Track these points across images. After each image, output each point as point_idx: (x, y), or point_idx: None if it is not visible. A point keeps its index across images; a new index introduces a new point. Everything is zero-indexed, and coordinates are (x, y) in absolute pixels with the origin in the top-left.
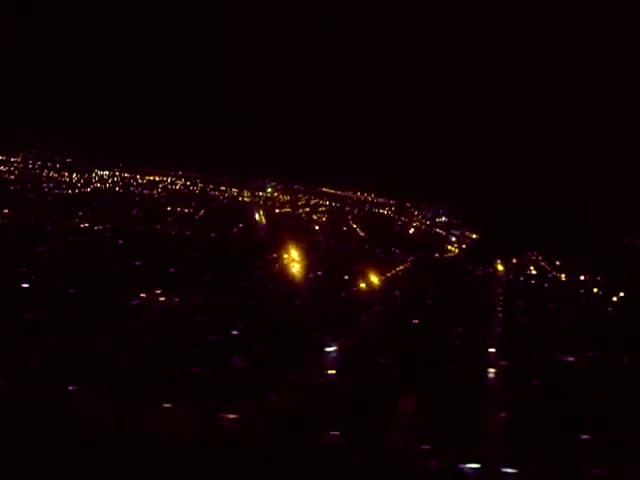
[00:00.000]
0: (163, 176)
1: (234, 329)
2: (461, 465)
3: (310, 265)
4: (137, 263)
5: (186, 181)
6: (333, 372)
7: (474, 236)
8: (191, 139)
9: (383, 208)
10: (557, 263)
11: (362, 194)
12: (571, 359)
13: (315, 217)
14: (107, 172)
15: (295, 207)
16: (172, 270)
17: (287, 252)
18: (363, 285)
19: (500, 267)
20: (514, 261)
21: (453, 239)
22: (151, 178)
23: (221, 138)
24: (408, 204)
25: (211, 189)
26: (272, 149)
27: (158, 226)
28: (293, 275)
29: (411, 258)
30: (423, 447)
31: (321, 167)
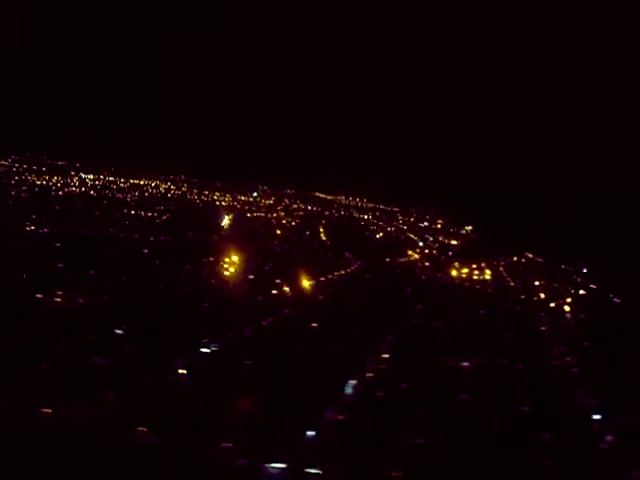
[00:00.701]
0: (151, 180)
1: (118, 329)
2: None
3: (244, 269)
4: (60, 265)
5: (171, 185)
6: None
7: (453, 242)
8: (192, 144)
9: (367, 213)
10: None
11: (355, 199)
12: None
13: (285, 221)
14: (91, 175)
15: (271, 211)
16: (91, 272)
17: (229, 256)
18: (285, 289)
19: (454, 272)
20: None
21: (421, 244)
22: (138, 182)
23: (223, 143)
24: (397, 209)
25: (194, 193)
26: (272, 155)
27: (111, 229)
28: (216, 278)
29: (358, 264)
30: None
31: (319, 173)
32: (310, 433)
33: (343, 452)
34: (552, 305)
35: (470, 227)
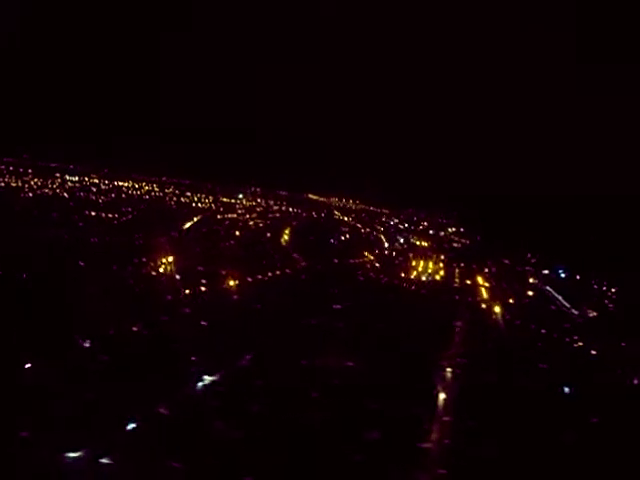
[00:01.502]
0: (139, 182)
1: None
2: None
3: (173, 270)
4: None
5: (156, 187)
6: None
7: (424, 244)
8: (191, 145)
9: (351, 214)
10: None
11: (348, 201)
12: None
13: (253, 223)
14: (76, 177)
15: (247, 213)
16: None
17: (166, 257)
18: (202, 289)
19: (401, 273)
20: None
21: (386, 245)
22: (123, 184)
23: (221, 145)
24: (387, 211)
25: (175, 195)
26: (269, 156)
27: (59, 231)
28: (135, 278)
29: (301, 265)
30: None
31: (316, 175)
32: None
33: None
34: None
35: (454, 229)
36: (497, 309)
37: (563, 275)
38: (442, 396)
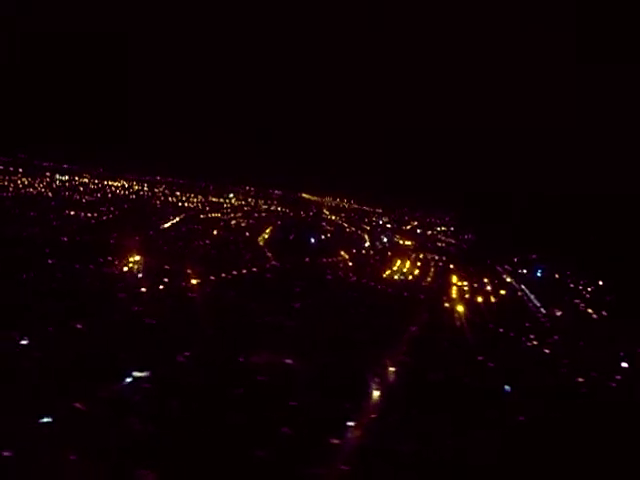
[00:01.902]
0: (132, 181)
1: None
2: None
3: (138, 268)
4: None
5: (147, 186)
6: None
7: (407, 242)
8: (188, 145)
9: (340, 214)
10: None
11: (342, 200)
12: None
13: (234, 222)
14: (66, 177)
15: (233, 212)
16: None
17: (134, 256)
18: (160, 288)
19: (372, 272)
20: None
21: (367, 244)
22: (113, 183)
23: (217, 144)
24: (380, 210)
25: (164, 194)
26: (266, 156)
27: (36, 230)
28: (98, 276)
29: (271, 264)
30: None
31: (313, 174)
32: None
33: None
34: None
35: (444, 228)
36: (460, 308)
37: (540, 274)
38: (376, 394)
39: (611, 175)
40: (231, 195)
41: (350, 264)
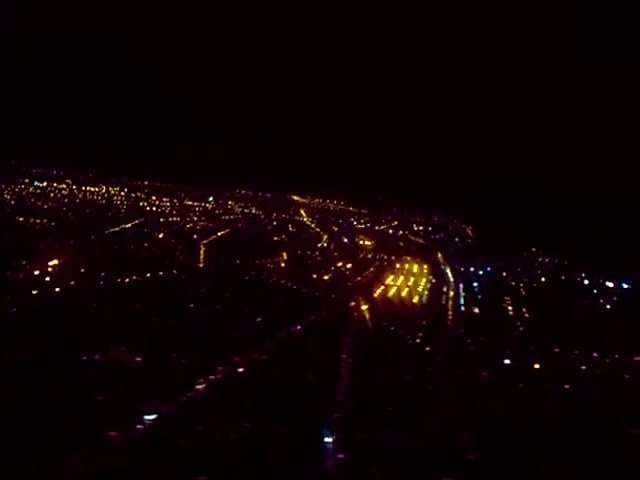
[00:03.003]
0: (115, 187)
1: None
2: None
3: (61, 272)
4: None
5: (118, 191)
6: None
7: (367, 243)
8: (185, 147)
9: (316, 215)
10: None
11: (332, 202)
12: None
13: (190, 225)
14: (45, 183)
15: (199, 215)
16: None
17: (52, 260)
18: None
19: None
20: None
21: (320, 245)
22: (91, 189)
23: (212, 147)
24: (365, 210)
25: (138, 199)
26: (259, 157)
27: None
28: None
29: (201, 266)
30: None
31: (309, 175)
32: None
33: None
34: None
35: (421, 227)
36: (364, 307)
37: (487, 271)
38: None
39: (611, 175)
40: (210, 198)
41: (282, 265)
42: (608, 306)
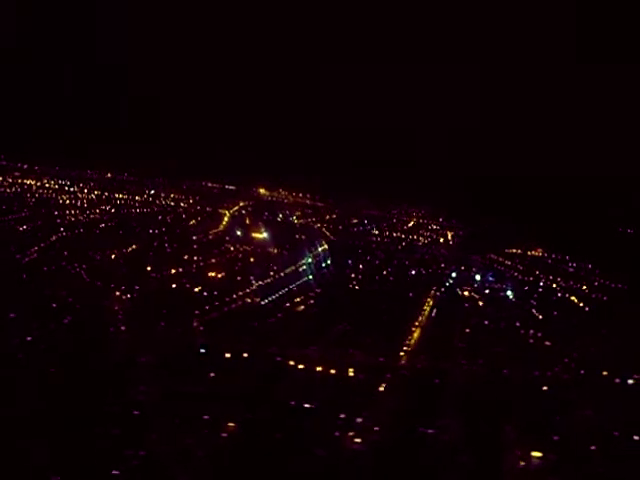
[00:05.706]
0: (100, 184)
1: None
2: None
3: None
4: None
5: (113, 191)
6: None
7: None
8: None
9: (275, 210)
10: None
11: (304, 196)
12: None
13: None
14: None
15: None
16: None
17: None
18: None
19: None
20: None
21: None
22: (72, 188)
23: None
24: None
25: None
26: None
27: None
28: None
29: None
30: None
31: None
32: None
33: None
34: None
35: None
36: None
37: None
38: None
39: (611, 175)
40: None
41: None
42: None
